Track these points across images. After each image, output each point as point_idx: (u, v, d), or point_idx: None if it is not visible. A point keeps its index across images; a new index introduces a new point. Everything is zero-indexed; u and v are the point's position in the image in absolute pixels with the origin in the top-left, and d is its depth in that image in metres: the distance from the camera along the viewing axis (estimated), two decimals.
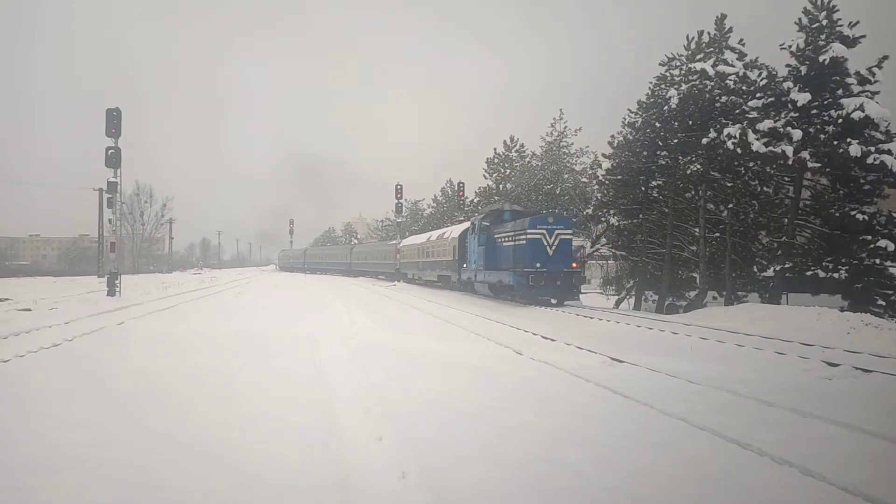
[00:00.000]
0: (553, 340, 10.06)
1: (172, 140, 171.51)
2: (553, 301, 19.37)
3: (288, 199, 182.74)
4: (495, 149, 36.97)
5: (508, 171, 35.57)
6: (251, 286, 28.80)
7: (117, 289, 19.08)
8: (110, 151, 18.87)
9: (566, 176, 32.04)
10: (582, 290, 21.49)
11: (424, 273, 33.16)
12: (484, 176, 36.67)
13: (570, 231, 20.59)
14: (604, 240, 27.50)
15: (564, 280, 19.77)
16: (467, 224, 26.87)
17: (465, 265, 25.57)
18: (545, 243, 20.25)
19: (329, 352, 8.43)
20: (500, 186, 34.47)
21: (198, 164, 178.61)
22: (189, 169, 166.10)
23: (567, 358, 8.28)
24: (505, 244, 21.96)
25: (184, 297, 19.95)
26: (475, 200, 37.01)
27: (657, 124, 21.21)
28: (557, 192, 31.12)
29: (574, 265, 20.44)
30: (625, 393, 6.21)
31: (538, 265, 19.80)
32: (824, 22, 16.63)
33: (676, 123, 20.30)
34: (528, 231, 20.43)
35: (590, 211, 25.43)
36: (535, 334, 10.78)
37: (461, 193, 38.15)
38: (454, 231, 30.16)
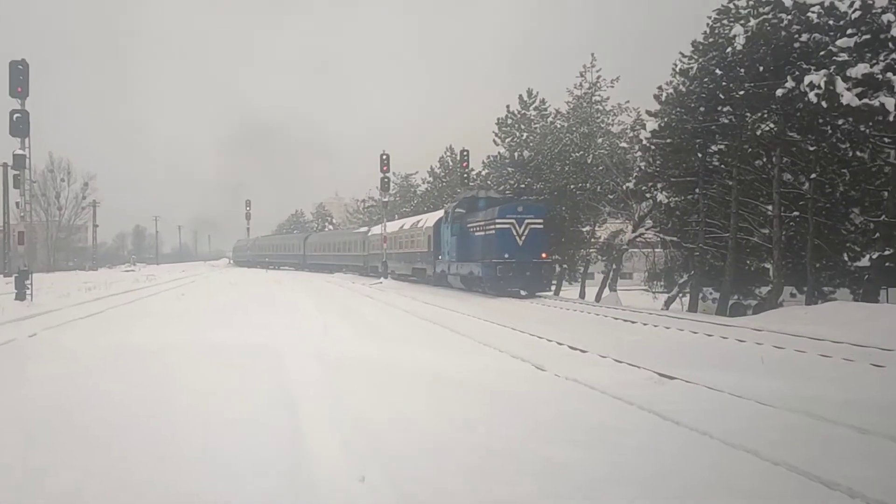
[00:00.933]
0: (584, 352, 10.18)
1: (95, 103, 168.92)
2: (522, 293, 22.72)
3: (245, 176, 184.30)
4: (508, 107, 36.14)
5: (525, 134, 34.96)
6: (199, 286, 29.12)
7: (28, 291, 18.99)
8: (16, 116, 18.73)
9: (599, 140, 31.38)
10: (620, 287, 23.71)
11: (398, 266, 35.95)
12: (494, 141, 36.16)
13: (540, 221, 23.83)
14: (649, 222, 27.29)
15: (534, 271, 23.32)
16: (441, 212, 30.38)
17: (439, 257, 29.24)
18: (514, 233, 23.63)
19: (296, 369, 8.41)
20: (515, 154, 33.87)
21: (129, 133, 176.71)
22: (118, 140, 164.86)
23: (602, 374, 8.34)
24: (476, 234, 25.56)
25: (113, 301, 20.07)
26: (483, 173, 37.13)
27: (718, 72, 20.60)
28: (589, 160, 30.47)
29: (544, 255, 23.81)
30: (677, 418, 6.29)
31: (506, 255, 23.33)
32: None
33: (743, 70, 19.57)
34: (498, 220, 23.71)
35: (631, 185, 25.12)
36: (559, 343, 10.92)
37: (465, 164, 37.66)
38: (429, 219, 32.92)
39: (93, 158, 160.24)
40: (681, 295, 24.89)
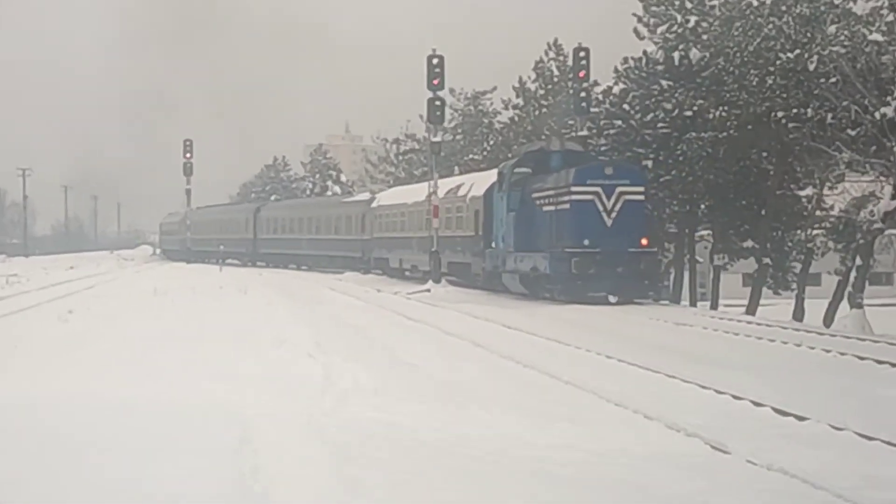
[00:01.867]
0: (801, 419, 8.77)
1: None
2: (612, 299, 21.10)
3: (180, 95, 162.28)
4: None
5: (694, 19, 28.21)
6: (99, 302, 23.57)
7: None
8: None
9: (832, 29, 24.84)
10: (873, 301, 20.17)
11: (412, 258, 33.37)
12: (637, 32, 29.56)
13: (640, 189, 22.18)
14: None
15: (629, 266, 21.54)
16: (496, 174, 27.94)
17: (492, 244, 26.99)
18: (599, 208, 21.88)
19: (279, 460, 6.89)
20: (675, 55, 27.62)
21: None
22: None
23: (836, 463, 7.09)
24: (545, 208, 23.70)
25: None
26: (614, 89, 30.46)
27: None
28: (811, 65, 24.01)
29: (645, 242, 22.10)
30: None
31: (586, 242, 21.62)
32: None
33: None
34: (574, 189, 22.01)
35: (891, 110, 20.37)
36: (753, 403, 9.55)
37: (582, 74, 29.97)
38: (475, 184, 29.78)
39: None
40: None
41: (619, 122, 27.88)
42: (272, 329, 16.25)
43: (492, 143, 43.91)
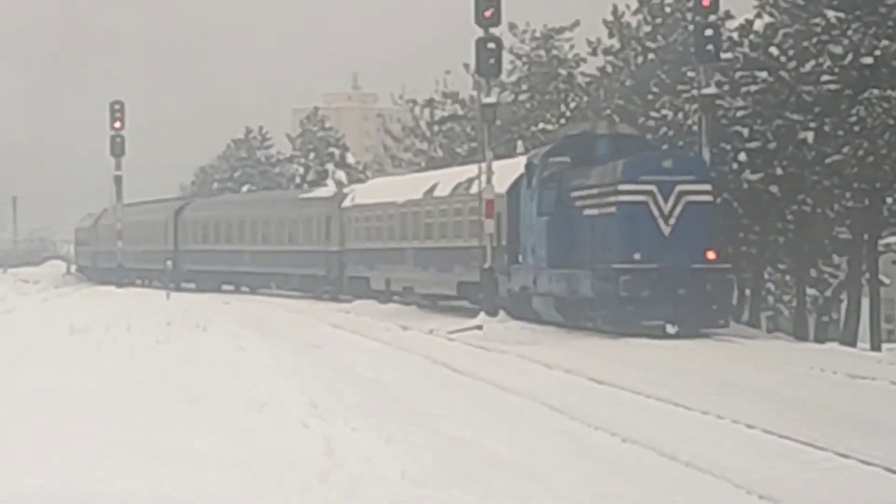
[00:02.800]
0: None
1: None
2: (670, 329, 22.01)
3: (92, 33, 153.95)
4: None
5: None
6: None
7: None
8: None
9: None
10: None
11: (414, 277, 33.59)
12: None
13: (706, 187, 23.26)
14: None
15: (693, 286, 22.49)
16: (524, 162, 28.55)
17: (519, 256, 28.00)
18: (654, 212, 22.76)
19: None
20: None
21: None
22: None
23: None
24: (586, 212, 24.65)
25: None
26: (751, 22, 29.21)
27: None
28: None
29: (713, 256, 23.10)
30: None
31: (638, 256, 22.54)
32: None
33: None
34: (622, 187, 22.87)
35: None
36: None
37: (707, 1, 28.12)
38: (500, 175, 29.09)
39: None
40: None
41: (764, 75, 26.60)
42: (246, 384, 15.87)
43: (573, 105, 39.69)
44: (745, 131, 27.58)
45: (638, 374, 17.82)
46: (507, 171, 29.19)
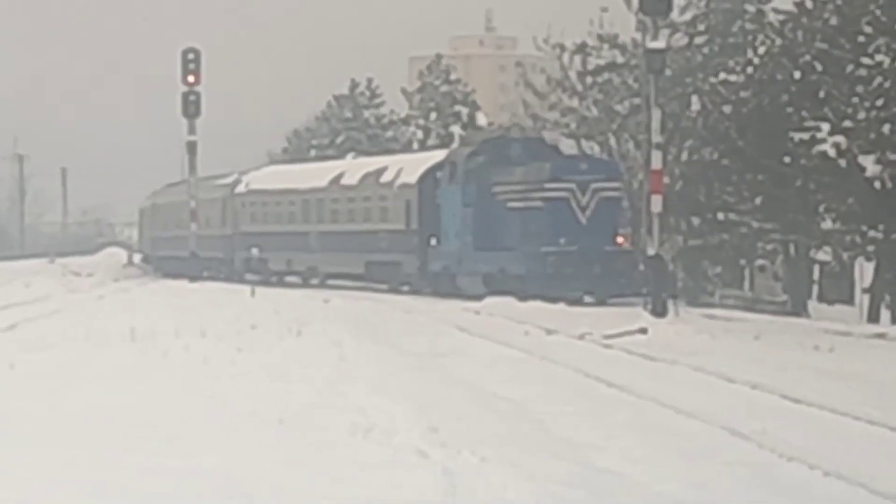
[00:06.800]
0: None
1: None
2: (587, 299, 26.67)
3: None
4: None
5: None
6: None
7: None
8: None
9: None
10: None
11: (318, 258, 36.03)
12: None
13: (615, 185, 28.46)
14: None
15: (606, 264, 27.88)
16: (436, 157, 33.58)
17: (433, 242, 32.92)
18: (575, 205, 28.04)
19: None
20: None
21: None
22: None
23: None
24: (512, 205, 30.16)
25: None
26: None
27: None
28: None
29: (621, 240, 28.34)
30: None
31: (562, 241, 28.10)
32: None
33: None
34: (549, 186, 28.32)
35: None
36: None
37: None
38: (404, 168, 34.28)
39: None
40: None
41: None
42: (349, 403, 14.46)
43: (762, 50, 29.99)
44: None
45: (849, 393, 15.85)
46: (414, 164, 35.66)
